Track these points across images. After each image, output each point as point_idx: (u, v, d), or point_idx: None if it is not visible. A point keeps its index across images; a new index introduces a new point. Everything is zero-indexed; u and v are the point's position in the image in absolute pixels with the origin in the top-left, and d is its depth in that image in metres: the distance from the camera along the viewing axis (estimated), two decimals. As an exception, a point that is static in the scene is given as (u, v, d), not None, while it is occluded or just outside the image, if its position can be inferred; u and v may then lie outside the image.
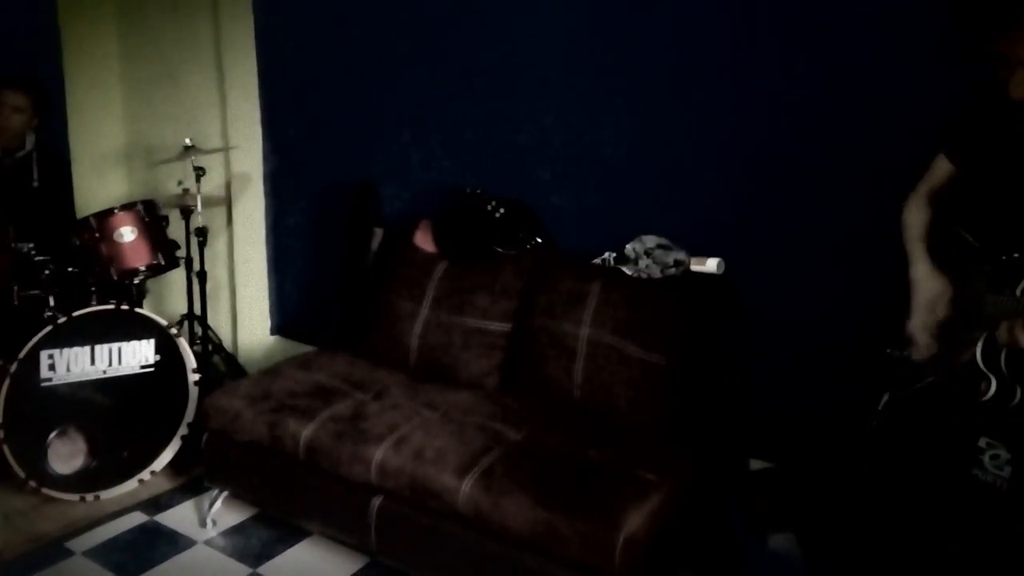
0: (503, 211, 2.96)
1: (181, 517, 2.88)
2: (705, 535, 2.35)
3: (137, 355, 2.97)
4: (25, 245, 3.00)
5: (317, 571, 2.62)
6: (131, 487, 2.97)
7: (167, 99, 4.10)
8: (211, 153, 3.58)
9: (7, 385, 2.70)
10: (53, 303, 2.97)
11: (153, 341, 2.99)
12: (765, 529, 2.13)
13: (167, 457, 3.03)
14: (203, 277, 3.57)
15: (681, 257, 2.68)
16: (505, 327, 2.87)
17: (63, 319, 2.79)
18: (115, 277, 3.07)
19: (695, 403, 2.53)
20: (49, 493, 2.81)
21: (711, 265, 2.63)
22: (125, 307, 2.92)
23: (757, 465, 2.62)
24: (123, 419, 2.95)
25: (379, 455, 2.36)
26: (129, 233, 3.08)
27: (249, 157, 3.79)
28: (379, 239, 3.28)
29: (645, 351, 2.58)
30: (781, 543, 2.10)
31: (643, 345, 2.59)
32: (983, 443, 1.46)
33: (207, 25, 3.82)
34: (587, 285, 2.73)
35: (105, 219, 3.06)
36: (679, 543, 2.25)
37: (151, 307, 3.88)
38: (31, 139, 3.42)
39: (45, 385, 2.80)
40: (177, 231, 3.41)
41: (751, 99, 2.60)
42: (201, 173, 3.42)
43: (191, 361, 3.05)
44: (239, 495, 2.82)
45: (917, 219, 1.78)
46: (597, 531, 2.01)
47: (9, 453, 2.71)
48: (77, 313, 2.82)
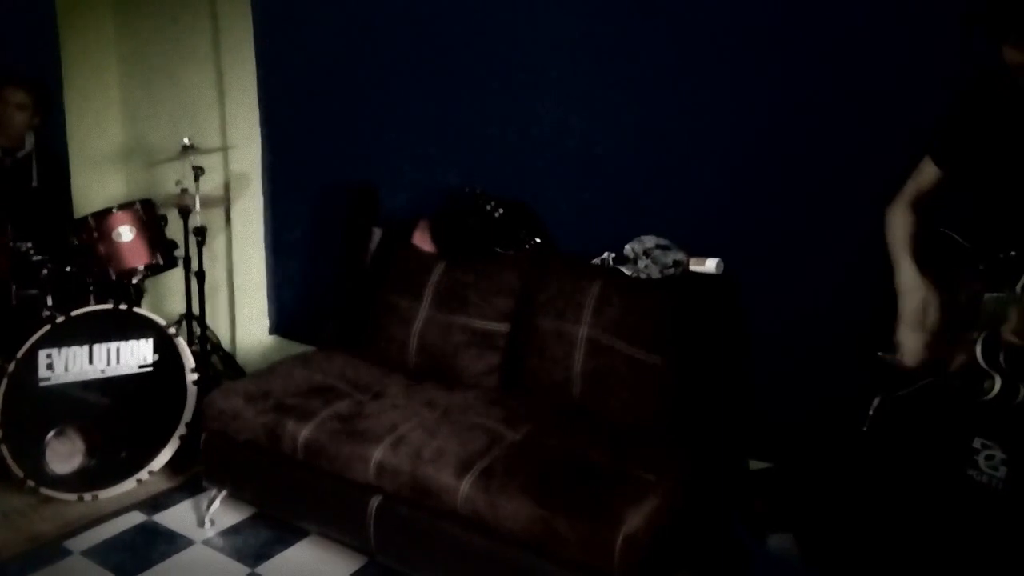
0: (502, 211, 2.96)
1: (179, 517, 2.88)
2: (704, 535, 2.35)
3: (135, 355, 2.96)
4: (23, 244, 3.00)
5: (315, 571, 2.62)
6: (129, 487, 2.97)
7: (166, 99, 4.10)
8: (210, 153, 3.58)
9: (5, 384, 2.70)
10: (51, 303, 2.97)
11: (151, 341, 2.99)
12: (764, 529, 2.13)
13: (165, 457, 3.02)
14: (201, 277, 3.57)
15: (680, 257, 2.68)
16: (504, 327, 2.87)
17: (61, 319, 2.79)
18: (113, 277, 3.07)
19: (694, 403, 2.53)
20: (47, 493, 2.80)
21: (710, 265, 2.64)
22: (123, 307, 2.92)
23: (756, 465, 2.62)
24: (121, 419, 2.95)
25: (378, 455, 2.36)
26: (127, 232, 3.09)
27: (248, 157, 3.79)
28: (378, 239, 3.28)
29: (644, 351, 2.58)
30: (780, 543, 2.10)
31: (642, 345, 2.59)
32: (978, 443, 1.46)
33: (205, 24, 3.83)
34: (586, 285, 2.73)
35: (104, 219, 3.07)
36: (678, 543, 2.25)
37: (149, 307, 3.88)
38: (30, 139, 3.42)
39: (43, 385, 2.79)
40: (176, 231, 3.41)
41: (751, 100, 2.60)
42: (200, 173, 3.42)
43: (189, 361, 3.05)
44: (237, 495, 2.82)
45: (902, 223, 1.75)
46: (596, 531, 2.01)
47: (7, 453, 2.70)
48: (75, 313, 2.82)
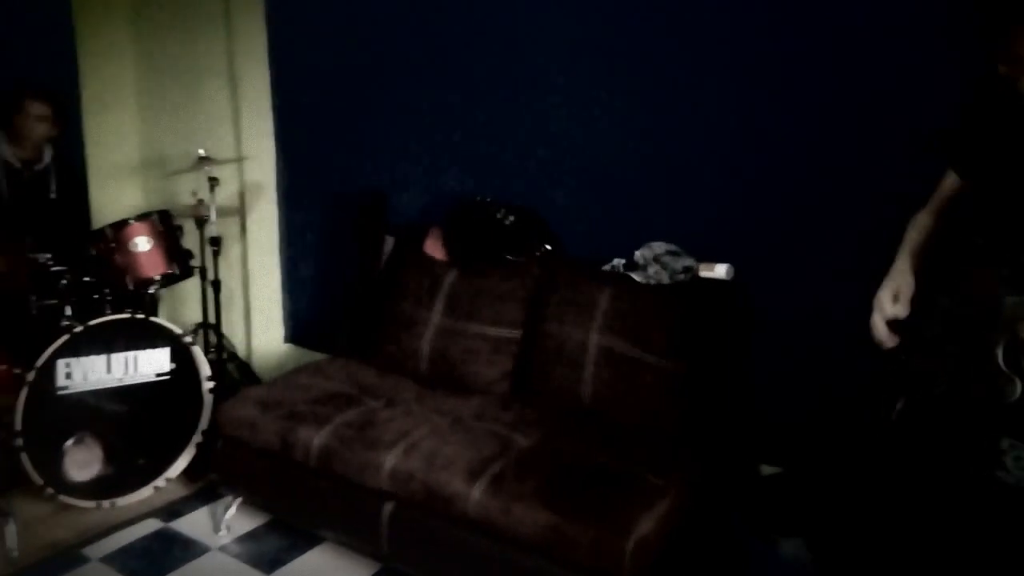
0: (513, 218, 2.98)
1: (196, 523, 2.90)
2: (714, 540, 2.35)
3: (152, 363, 3.00)
4: (42, 256, 3.05)
5: (330, 577, 2.64)
6: (146, 494, 3.00)
7: (181, 111, 4.15)
8: (225, 164, 3.62)
9: (25, 393, 2.73)
10: (70, 312, 3.01)
11: (168, 349, 3.02)
12: (774, 535, 2.13)
13: (182, 464, 3.05)
14: (217, 286, 3.61)
15: (690, 263, 2.69)
16: (515, 334, 2.88)
17: (80, 328, 2.82)
18: (131, 287, 3.11)
19: (705, 409, 2.53)
20: (66, 500, 2.84)
21: (720, 271, 2.64)
22: (140, 316, 2.95)
23: (767, 471, 2.62)
24: (138, 427, 2.98)
25: (390, 461, 2.38)
26: (144, 243, 3.12)
27: (262, 167, 3.83)
28: (390, 247, 3.30)
29: (654, 357, 2.59)
30: (791, 549, 2.10)
31: (652, 351, 2.59)
32: (1006, 444, 1.44)
33: (220, 37, 3.87)
34: (596, 292, 2.74)
35: (121, 229, 3.10)
36: (688, 548, 2.25)
37: (166, 316, 3.93)
38: (49, 152, 3.48)
39: (62, 393, 2.83)
40: (192, 241, 3.45)
41: (759, 105, 2.61)
42: (215, 183, 3.46)
43: (206, 369, 3.08)
44: (253, 502, 2.84)
45: (918, 225, 1.77)
46: (607, 536, 2.01)
47: (27, 460, 2.74)
48: (93, 322, 2.86)
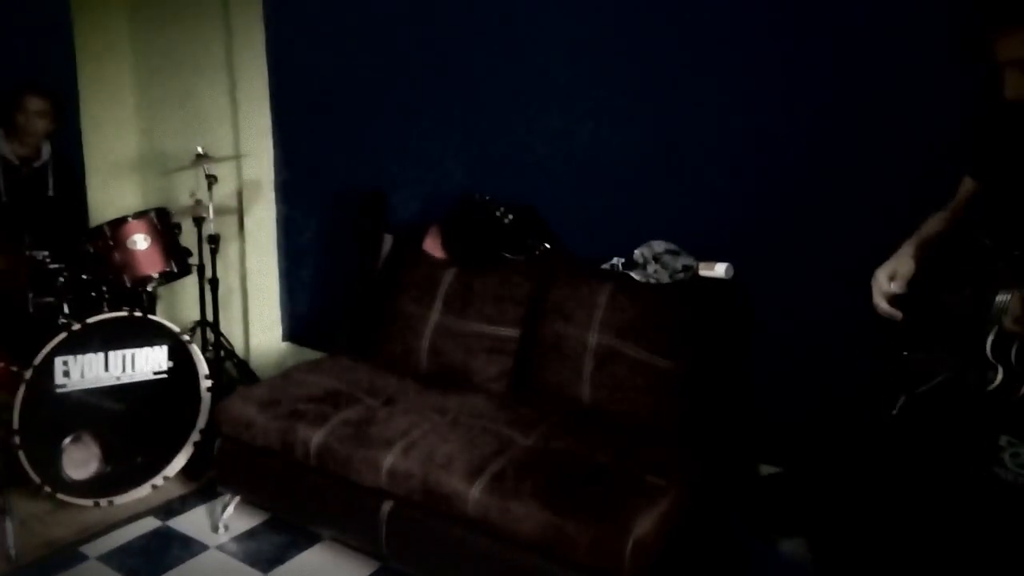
0: (512, 217, 2.97)
1: (194, 522, 2.90)
2: (714, 540, 2.35)
3: (150, 361, 2.99)
4: (40, 253, 3.04)
5: (328, 576, 2.64)
6: (144, 492, 3.00)
7: (179, 108, 4.15)
8: (223, 161, 3.61)
9: (22, 392, 2.73)
10: (67, 310, 3.01)
11: (166, 348, 3.01)
12: (774, 535, 2.13)
13: (180, 463, 3.05)
14: (215, 284, 3.60)
15: (690, 262, 2.69)
16: (514, 332, 2.88)
17: (77, 326, 2.82)
18: (128, 284, 3.10)
19: (704, 408, 2.53)
20: (64, 498, 2.83)
21: (720, 270, 2.64)
22: (139, 314, 2.95)
23: (767, 470, 2.62)
24: (136, 425, 2.98)
25: (389, 460, 2.37)
26: (142, 241, 3.12)
27: (260, 165, 3.82)
28: (389, 245, 3.30)
29: (654, 356, 2.59)
30: (791, 549, 2.09)
31: (652, 350, 2.59)
32: (1004, 441, 1.45)
33: (219, 35, 3.87)
34: (596, 290, 2.74)
35: (119, 227, 3.10)
36: (688, 548, 2.25)
37: (164, 314, 3.92)
38: (47, 149, 3.48)
39: (60, 391, 2.83)
40: (190, 239, 3.45)
41: (759, 104, 2.61)
42: (213, 181, 3.46)
43: (203, 367, 3.07)
44: (251, 500, 2.84)
45: (931, 222, 1.81)
46: (606, 535, 2.01)
47: (24, 459, 2.73)
48: (91, 320, 2.86)
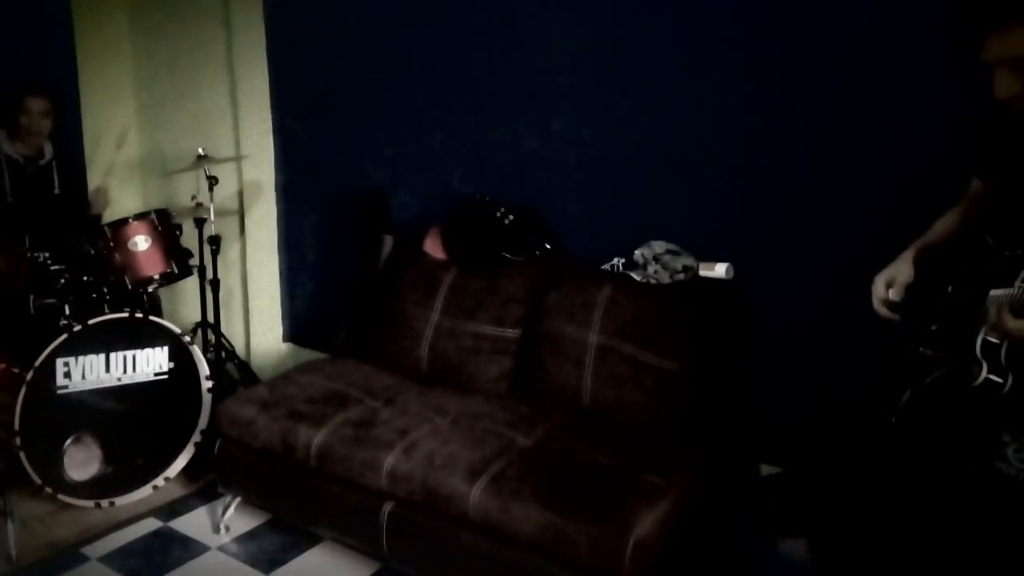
0: (512, 218, 2.97)
1: (195, 523, 2.90)
2: (715, 540, 2.35)
3: (151, 363, 3.00)
4: (41, 254, 3.04)
5: (329, 576, 2.64)
6: (145, 493, 3.00)
7: (180, 110, 4.15)
8: (224, 162, 3.62)
9: (23, 393, 2.73)
10: (68, 311, 3.01)
11: (167, 349, 3.02)
12: (774, 535, 2.13)
13: (181, 463, 3.05)
14: (216, 285, 3.60)
15: (690, 262, 2.69)
16: (515, 333, 2.88)
17: (78, 327, 2.82)
18: (129, 286, 3.11)
19: (704, 408, 2.53)
20: (65, 499, 2.84)
21: (720, 270, 2.64)
22: (139, 315, 2.95)
23: (767, 470, 2.62)
24: (137, 426, 2.98)
25: (390, 461, 2.37)
26: (143, 242, 3.12)
27: (261, 166, 3.83)
28: (390, 246, 3.30)
29: (654, 356, 2.59)
30: (790, 549, 2.09)
31: (652, 350, 2.59)
32: (1007, 437, 1.46)
33: (219, 36, 3.87)
34: (596, 291, 2.74)
35: (120, 228, 3.10)
36: (688, 548, 2.25)
37: (165, 315, 3.92)
38: (49, 148, 3.48)
39: (61, 392, 2.83)
40: (191, 240, 3.45)
41: (761, 105, 2.61)
42: (214, 182, 3.46)
43: (204, 368, 3.08)
44: (252, 501, 2.84)
45: (942, 223, 1.84)
46: (607, 536, 2.01)
47: (25, 460, 2.73)
48: (92, 321, 2.86)
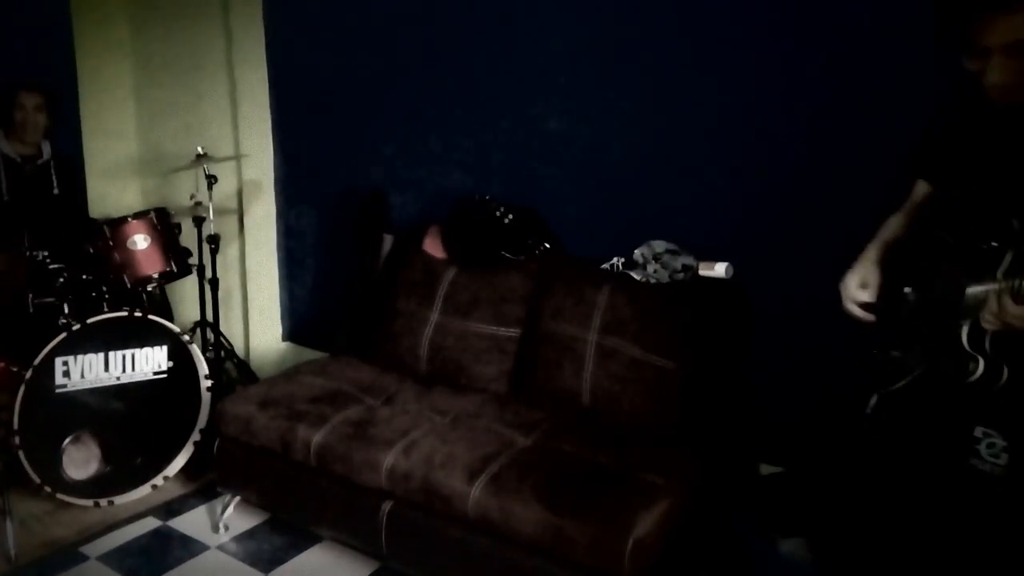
0: (511, 217, 2.97)
1: (194, 522, 2.90)
2: (714, 540, 2.35)
3: (150, 362, 2.99)
4: (40, 253, 3.04)
5: (328, 576, 2.64)
6: (144, 492, 3.00)
7: (180, 108, 4.15)
8: (223, 161, 3.61)
9: (22, 392, 2.73)
10: (67, 310, 3.01)
11: (166, 348, 3.02)
12: (774, 535, 2.13)
13: (180, 463, 3.05)
14: (215, 284, 3.60)
15: (690, 262, 2.69)
16: (514, 332, 2.88)
17: (77, 326, 2.82)
18: (128, 284, 3.10)
19: (704, 407, 2.53)
20: (64, 498, 2.83)
21: (720, 270, 2.63)
22: (139, 314, 2.95)
23: (767, 470, 2.62)
24: (136, 425, 2.98)
25: (389, 460, 2.37)
26: (142, 241, 3.12)
27: (260, 165, 3.82)
28: (389, 245, 3.30)
29: (654, 356, 2.59)
30: (791, 548, 2.10)
31: (652, 350, 2.59)
32: (979, 432, 1.46)
33: (219, 35, 3.87)
34: (596, 290, 2.74)
35: (119, 227, 3.10)
36: (688, 548, 2.25)
37: (164, 314, 3.92)
38: (47, 147, 3.48)
39: (60, 392, 2.83)
40: (190, 239, 3.45)
41: (759, 104, 2.60)
42: (213, 181, 3.46)
43: (204, 367, 3.07)
44: (251, 500, 2.84)
45: (890, 225, 1.85)
46: (606, 535, 2.01)
47: (24, 459, 2.73)
48: (91, 320, 2.85)
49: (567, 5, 2.92)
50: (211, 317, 3.65)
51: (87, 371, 2.87)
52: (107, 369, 2.91)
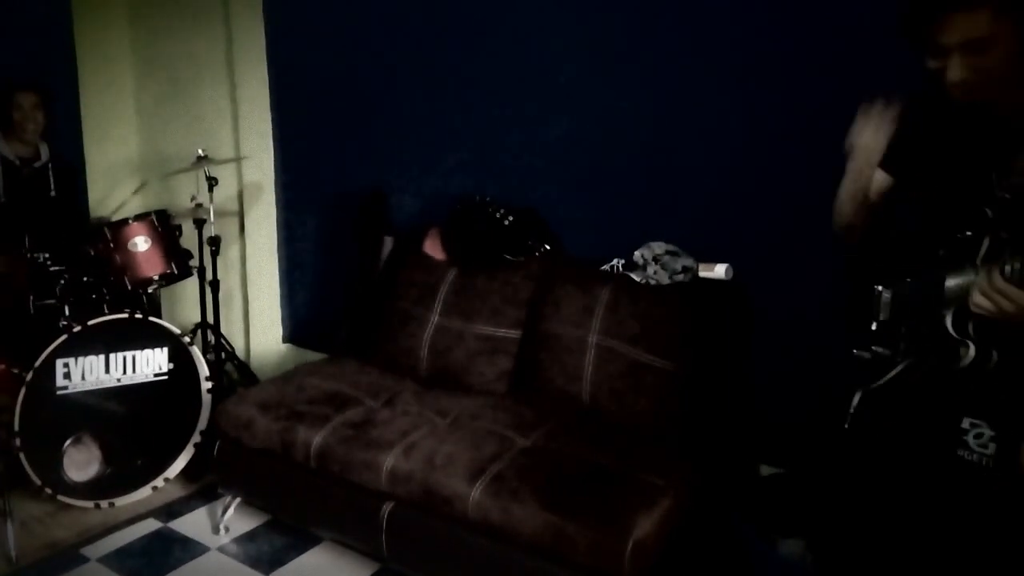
0: (512, 218, 2.97)
1: (194, 524, 2.90)
2: (714, 541, 2.35)
3: (151, 363, 3.00)
4: (40, 255, 3.05)
5: (329, 577, 2.64)
6: (145, 494, 3.00)
7: (180, 111, 4.15)
8: (223, 163, 3.62)
9: (23, 393, 2.73)
10: (68, 312, 3.01)
11: (167, 349, 3.02)
12: (774, 535, 2.13)
13: (180, 464, 3.05)
14: (216, 286, 3.60)
15: (690, 263, 2.69)
16: (514, 333, 2.88)
17: (78, 328, 2.82)
18: (129, 286, 3.11)
19: (704, 409, 2.53)
20: (64, 500, 2.84)
21: (719, 271, 2.64)
22: (139, 316, 2.95)
23: (767, 470, 2.62)
24: (137, 427, 2.98)
25: (389, 462, 2.37)
26: (143, 243, 3.12)
27: (261, 167, 3.83)
28: (389, 247, 3.30)
29: (654, 357, 2.59)
30: (791, 549, 2.10)
31: (652, 351, 2.59)
32: (966, 423, 1.47)
33: (219, 37, 3.87)
34: (596, 291, 2.74)
35: (119, 229, 3.11)
36: (688, 548, 2.25)
37: (165, 316, 3.92)
38: (45, 150, 3.49)
39: (60, 393, 2.83)
40: (190, 241, 3.45)
41: (761, 105, 2.60)
42: (214, 183, 3.46)
43: (204, 369, 3.08)
44: (252, 502, 2.84)
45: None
46: (606, 537, 2.01)
47: (25, 460, 2.73)
48: (92, 322, 2.86)
49: (567, 5, 2.92)
50: (212, 319, 3.65)
51: (88, 373, 2.88)
52: (108, 371, 2.92)
